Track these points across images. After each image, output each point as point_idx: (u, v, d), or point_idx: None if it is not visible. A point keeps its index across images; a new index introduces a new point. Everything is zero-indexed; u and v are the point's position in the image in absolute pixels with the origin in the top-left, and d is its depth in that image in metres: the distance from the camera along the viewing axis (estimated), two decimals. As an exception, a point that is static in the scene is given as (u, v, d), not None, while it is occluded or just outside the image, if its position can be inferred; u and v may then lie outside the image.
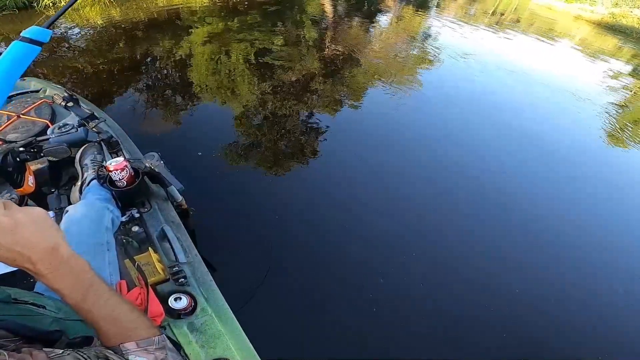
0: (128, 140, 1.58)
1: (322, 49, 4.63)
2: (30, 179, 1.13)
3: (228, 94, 3.22)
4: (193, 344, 0.86)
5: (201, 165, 2.18)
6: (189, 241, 1.16)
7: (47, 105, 1.56)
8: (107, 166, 1.09)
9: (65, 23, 4.35)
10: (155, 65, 3.62)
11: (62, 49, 3.71)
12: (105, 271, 0.88)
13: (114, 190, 1.11)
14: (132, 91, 3.03)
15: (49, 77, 3.04)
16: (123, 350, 0.47)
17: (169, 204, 1.29)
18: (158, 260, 1.02)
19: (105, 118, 1.62)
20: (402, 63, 4.66)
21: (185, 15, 5.20)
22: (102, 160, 1.27)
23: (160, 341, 0.51)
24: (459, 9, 9.66)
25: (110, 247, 0.96)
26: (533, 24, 9.33)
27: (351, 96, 3.48)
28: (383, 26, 6.47)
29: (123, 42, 3.99)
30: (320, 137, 2.72)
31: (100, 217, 0.99)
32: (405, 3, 8.47)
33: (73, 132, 1.32)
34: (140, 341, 0.48)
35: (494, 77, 4.83)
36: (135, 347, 0.47)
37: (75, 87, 2.97)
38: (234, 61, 3.84)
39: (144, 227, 1.14)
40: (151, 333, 0.50)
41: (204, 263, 1.10)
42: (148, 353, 0.48)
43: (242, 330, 0.93)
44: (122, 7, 5.08)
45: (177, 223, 1.22)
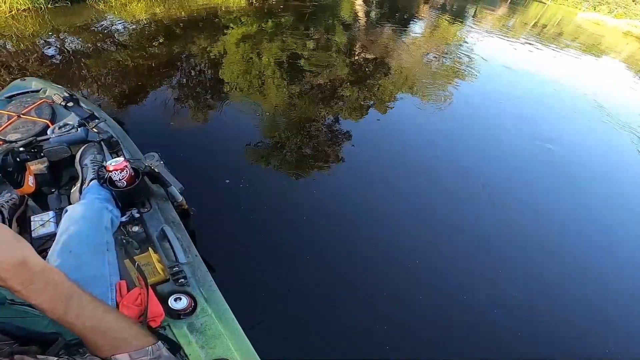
0: (128, 140, 1.58)
1: (352, 55, 4.59)
2: (30, 179, 1.14)
3: (254, 95, 3.22)
4: (193, 345, 0.86)
5: (202, 165, 2.17)
6: (189, 241, 1.16)
7: (48, 105, 1.56)
8: (107, 166, 1.08)
9: (112, 16, 4.56)
10: (188, 62, 3.70)
11: (106, 42, 3.84)
12: (104, 271, 0.88)
13: (114, 190, 1.11)
14: (165, 87, 3.10)
15: (89, 68, 3.18)
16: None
17: (169, 204, 1.29)
18: (158, 261, 1.02)
19: (106, 118, 1.62)
20: (433, 74, 4.51)
21: (222, 14, 5.34)
22: (102, 160, 1.27)
23: (154, 350, 0.49)
24: (497, 20, 9.35)
25: (110, 247, 0.96)
26: (577, 39, 8.93)
27: (377, 105, 3.41)
28: (415, 35, 6.31)
29: (162, 39, 4.11)
30: (334, 142, 2.68)
31: (99, 217, 0.99)
32: (441, 12, 8.31)
33: (73, 132, 1.33)
34: (133, 352, 0.46)
35: (530, 94, 4.55)
36: (127, 359, 0.45)
37: (115, 81, 3.06)
38: (264, 62, 3.87)
39: (144, 227, 1.14)
40: (145, 342, 0.48)
41: (204, 263, 1.10)
42: None
43: (242, 330, 0.93)
44: (166, 5, 5.29)
45: (177, 223, 1.22)
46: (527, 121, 3.76)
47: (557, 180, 2.85)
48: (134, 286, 0.91)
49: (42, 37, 3.72)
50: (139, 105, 2.77)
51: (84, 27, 4.18)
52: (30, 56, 3.27)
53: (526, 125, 3.65)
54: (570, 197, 2.67)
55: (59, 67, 3.17)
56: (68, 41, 3.78)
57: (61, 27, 4.03)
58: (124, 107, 2.69)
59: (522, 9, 13.05)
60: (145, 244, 1.08)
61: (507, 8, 12.03)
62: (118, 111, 2.62)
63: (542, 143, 3.33)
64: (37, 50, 3.45)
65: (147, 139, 2.32)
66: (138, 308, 0.83)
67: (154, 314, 0.84)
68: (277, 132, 2.67)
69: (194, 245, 1.16)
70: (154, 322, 0.84)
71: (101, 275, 0.87)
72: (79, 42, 3.77)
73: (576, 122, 4.17)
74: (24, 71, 2.97)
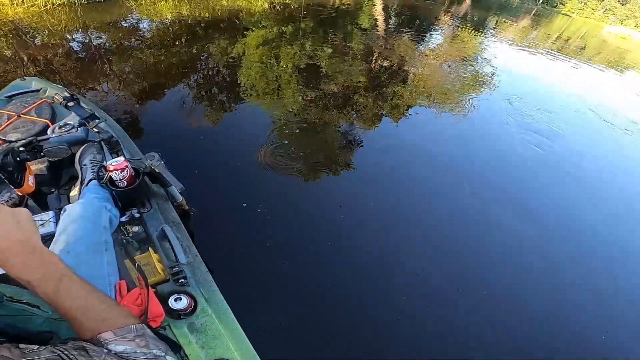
0: (128, 140, 1.58)
1: (369, 62, 4.57)
2: (30, 179, 1.13)
3: (269, 98, 3.23)
4: (193, 345, 0.86)
5: (203, 166, 2.17)
6: (189, 241, 1.16)
7: (48, 104, 1.56)
8: (107, 166, 1.08)
9: (138, 15, 4.76)
10: (207, 63, 3.77)
11: (131, 40, 3.96)
12: (103, 271, 0.87)
13: (114, 190, 1.11)
14: (182, 86, 3.15)
15: (112, 64, 3.30)
16: (102, 341, 0.47)
17: (170, 204, 1.29)
18: (158, 261, 1.02)
19: (106, 118, 1.62)
20: (450, 85, 4.40)
21: (243, 16, 5.47)
22: (103, 160, 1.27)
23: (139, 329, 0.50)
24: (519, 32, 9.11)
25: (109, 246, 0.95)
26: (600, 53, 8.63)
27: (392, 113, 3.37)
28: (434, 45, 6.20)
29: (184, 38, 4.23)
30: (342, 147, 2.65)
31: (98, 216, 0.98)
32: (461, 22, 8.20)
33: (73, 132, 1.32)
34: (118, 330, 0.48)
35: (551, 107, 4.36)
36: (112, 337, 0.47)
37: (135, 77, 3.14)
38: (282, 67, 3.91)
39: (144, 227, 1.14)
40: (128, 322, 0.50)
41: (204, 263, 1.10)
42: (127, 341, 0.48)
43: (242, 330, 0.93)
44: (191, 5, 5.45)
45: (177, 223, 1.22)
46: (544, 135, 3.60)
47: (576, 194, 2.76)
48: (134, 286, 0.91)
49: (72, 32, 3.88)
50: (157, 102, 2.83)
51: (112, 23, 4.33)
52: (57, 50, 3.39)
53: (543, 138, 3.51)
54: (592, 211, 2.60)
55: (84, 62, 3.27)
56: (96, 37, 3.92)
57: (91, 23, 4.20)
58: (141, 104, 2.74)
59: (546, 22, 12.75)
60: (146, 244, 1.08)
61: (530, 20, 11.76)
62: (135, 107, 2.67)
63: (560, 158, 3.24)
64: (66, 44, 3.58)
65: (153, 136, 2.38)
66: (138, 308, 0.83)
67: (154, 314, 0.84)
68: (287, 135, 2.66)
69: (194, 245, 1.16)
70: (154, 322, 0.84)
71: (100, 275, 0.87)
72: (106, 38, 3.90)
73: (596, 137, 4.00)
74: (50, 65, 3.07)
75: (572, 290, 1.91)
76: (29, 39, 3.59)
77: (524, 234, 2.21)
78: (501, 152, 3.15)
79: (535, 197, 2.64)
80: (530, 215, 2.40)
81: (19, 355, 0.38)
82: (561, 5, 21.25)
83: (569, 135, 3.79)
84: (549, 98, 4.79)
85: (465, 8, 11.31)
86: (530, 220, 2.35)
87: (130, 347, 0.47)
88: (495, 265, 1.96)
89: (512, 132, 3.51)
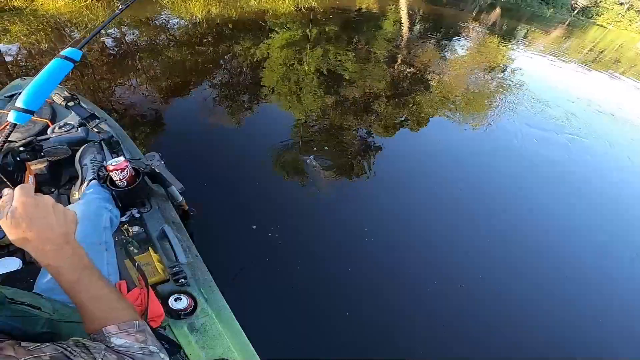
0: (128, 140, 1.58)
1: (392, 68, 4.52)
2: (30, 179, 1.13)
3: (288, 100, 3.23)
4: (193, 345, 0.86)
5: (203, 166, 2.17)
6: (189, 241, 1.16)
7: (48, 104, 1.55)
8: (107, 166, 1.08)
9: (169, 14, 4.93)
10: (231, 63, 3.83)
11: (161, 37, 4.10)
12: (103, 271, 0.87)
13: (114, 190, 1.11)
14: (207, 85, 3.20)
15: (141, 60, 3.41)
16: (105, 333, 0.50)
17: (170, 204, 1.29)
18: (158, 261, 1.02)
19: (106, 118, 1.62)
20: (475, 96, 4.24)
21: (269, 18, 5.54)
22: (103, 160, 1.27)
23: (140, 325, 0.54)
24: (551, 42, 8.77)
25: (109, 247, 0.95)
26: (635, 66, 8.23)
27: (412, 122, 3.27)
28: (460, 53, 6.02)
29: (211, 37, 4.33)
30: (354, 154, 2.58)
31: (98, 217, 0.98)
32: (489, 31, 7.95)
33: (73, 132, 1.33)
34: (122, 324, 0.51)
35: (579, 122, 4.11)
36: (116, 330, 0.50)
37: (162, 74, 3.25)
38: (304, 69, 3.92)
39: (144, 227, 1.14)
40: (132, 317, 0.54)
41: (204, 263, 1.10)
42: (129, 335, 0.51)
43: (242, 330, 0.93)
44: (220, 5, 5.59)
45: (177, 223, 1.22)
46: (571, 150, 3.43)
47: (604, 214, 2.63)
48: (134, 286, 0.91)
49: (107, 27, 4.04)
50: (181, 99, 2.89)
51: (145, 20, 4.50)
52: (92, 45, 3.53)
53: (570, 154, 3.35)
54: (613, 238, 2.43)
55: (116, 57, 3.39)
56: (128, 33, 4.06)
57: (126, 19, 4.34)
58: (165, 101, 2.80)
59: (580, 32, 12.25)
60: (146, 244, 1.08)
61: (564, 30, 11.27)
62: (159, 105, 2.72)
63: (587, 175, 3.08)
64: (101, 40, 3.71)
65: (157, 136, 2.40)
66: (138, 308, 0.83)
67: (154, 314, 0.84)
68: (301, 137, 2.65)
69: (194, 245, 1.16)
70: (154, 322, 0.84)
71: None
72: (138, 35, 4.04)
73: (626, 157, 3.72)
74: (84, 60, 3.16)
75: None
76: (67, 32, 3.76)
77: (560, 255, 2.13)
78: (525, 167, 2.98)
79: (565, 215, 2.51)
80: (565, 235, 2.31)
81: (23, 353, 0.39)
82: (597, 17, 20.32)
83: (596, 151, 3.57)
84: (579, 111, 4.53)
85: (494, 17, 10.94)
86: (567, 240, 2.27)
87: (130, 341, 0.50)
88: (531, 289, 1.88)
89: (538, 146, 3.33)
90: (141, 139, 2.29)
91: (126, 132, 1.64)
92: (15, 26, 3.70)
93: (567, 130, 3.86)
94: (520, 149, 3.25)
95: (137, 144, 1.64)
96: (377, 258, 1.82)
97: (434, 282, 1.76)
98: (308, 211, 2.03)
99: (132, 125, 2.41)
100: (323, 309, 1.53)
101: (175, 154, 2.22)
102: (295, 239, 1.82)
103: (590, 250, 2.28)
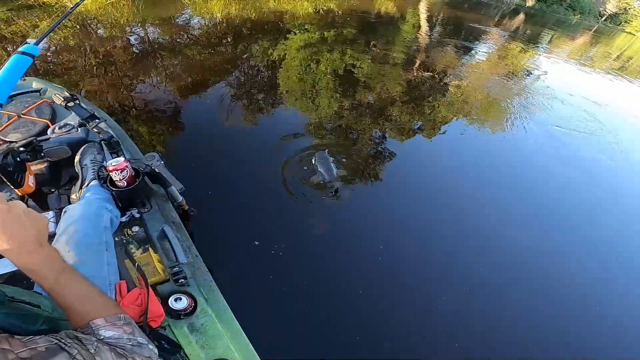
0: (128, 140, 1.58)
1: (409, 72, 4.45)
2: (30, 179, 1.13)
3: (303, 103, 3.22)
4: (193, 345, 0.86)
5: (203, 166, 2.17)
6: (189, 241, 1.16)
7: (48, 105, 1.56)
8: (107, 166, 1.09)
9: (190, 11, 5.12)
10: (249, 63, 3.88)
11: (181, 36, 4.21)
12: (103, 271, 0.88)
13: (114, 190, 1.11)
14: (224, 84, 3.24)
15: (162, 58, 3.52)
16: (93, 327, 0.52)
17: (170, 205, 1.29)
18: (158, 261, 1.02)
19: (106, 118, 1.62)
20: (494, 103, 4.06)
21: (288, 19, 5.60)
22: (102, 160, 1.27)
23: (126, 318, 0.57)
24: (576, 49, 8.42)
25: (109, 247, 0.95)
26: None
27: (428, 128, 3.17)
28: (480, 59, 5.84)
29: (230, 37, 4.42)
30: (365, 159, 2.52)
31: (98, 217, 0.98)
32: (512, 37, 7.73)
33: (73, 132, 1.33)
34: (108, 317, 0.54)
35: (604, 133, 3.86)
36: (104, 323, 0.53)
37: (181, 72, 3.32)
38: (321, 70, 3.93)
39: (144, 227, 1.14)
40: (118, 311, 0.57)
41: (204, 263, 1.10)
42: (116, 327, 0.53)
43: (242, 330, 0.93)
44: (240, 5, 5.71)
45: (177, 223, 1.22)
46: (593, 166, 3.19)
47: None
48: (134, 286, 0.91)
49: (131, 25, 4.22)
50: (196, 97, 2.92)
51: (167, 19, 4.63)
52: (116, 42, 3.65)
53: (593, 168, 3.13)
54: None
55: (138, 55, 3.48)
56: (150, 31, 4.19)
57: (149, 18, 4.51)
58: (180, 98, 2.84)
59: (606, 39, 11.84)
60: (146, 244, 1.08)
61: (590, 37, 10.90)
62: (172, 102, 2.76)
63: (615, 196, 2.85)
64: (124, 37, 3.85)
65: (159, 135, 2.38)
66: (138, 308, 0.83)
67: (154, 314, 0.84)
68: (313, 133, 2.63)
69: (194, 245, 1.16)
70: (154, 322, 0.84)
71: (100, 275, 0.87)
72: (159, 33, 4.18)
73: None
74: (109, 57, 3.30)
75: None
76: (93, 29, 3.93)
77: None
78: (545, 182, 2.79)
79: (589, 232, 2.38)
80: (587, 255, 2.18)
81: (18, 345, 0.40)
82: (625, 24, 19.76)
83: (619, 167, 3.34)
84: (604, 120, 4.28)
85: (518, 22, 10.63)
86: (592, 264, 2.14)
87: (118, 333, 0.53)
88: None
89: (559, 159, 3.13)
90: (146, 138, 2.30)
91: (129, 132, 1.64)
92: (45, 22, 3.82)
93: (593, 141, 3.65)
94: (543, 161, 3.06)
95: (143, 143, 1.63)
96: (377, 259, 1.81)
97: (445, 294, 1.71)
98: (311, 211, 2.03)
99: (147, 122, 2.44)
100: (323, 309, 1.53)
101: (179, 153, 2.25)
102: (297, 239, 1.82)
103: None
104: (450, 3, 10.92)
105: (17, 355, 0.38)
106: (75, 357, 0.43)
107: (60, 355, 0.41)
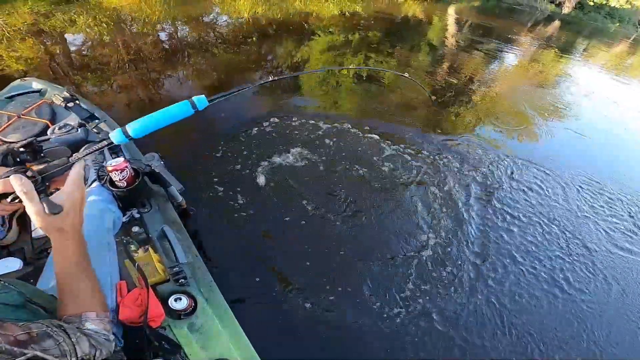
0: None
1: (434, 76, 4.35)
2: (30, 180, 1.13)
3: (320, 106, 3.18)
4: (193, 345, 0.86)
5: (203, 166, 2.17)
6: (189, 241, 1.16)
7: (48, 105, 1.56)
8: (107, 167, 1.09)
9: (218, 9, 5.35)
10: (272, 63, 3.96)
11: (209, 34, 4.38)
12: (105, 272, 0.88)
13: (114, 190, 1.11)
14: (245, 82, 3.36)
15: (190, 56, 3.64)
16: (83, 318, 0.57)
17: (169, 205, 1.30)
18: (158, 261, 1.02)
19: (106, 118, 1.62)
20: (522, 112, 3.81)
21: (313, 21, 5.64)
22: (103, 160, 1.27)
23: (108, 316, 0.62)
24: (612, 58, 7.90)
25: (111, 248, 0.96)
26: None
27: (451, 134, 3.04)
28: (509, 66, 5.57)
29: (255, 37, 4.50)
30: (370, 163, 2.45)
31: (102, 218, 0.99)
32: (545, 45, 7.37)
33: (73, 133, 1.32)
34: (101, 313, 0.59)
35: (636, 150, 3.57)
36: (94, 317, 0.58)
37: (207, 69, 3.47)
38: (343, 73, 3.89)
39: (144, 227, 1.14)
40: (106, 309, 0.62)
41: (204, 263, 1.10)
42: (103, 323, 0.59)
43: (242, 330, 0.93)
44: (266, 5, 5.81)
45: (177, 223, 1.22)
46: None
47: None
48: (134, 286, 0.91)
49: (162, 22, 4.39)
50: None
51: (196, 17, 4.79)
52: (147, 39, 3.79)
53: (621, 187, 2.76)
54: None
55: (168, 52, 3.65)
56: (180, 29, 4.36)
57: (179, 15, 4.69)
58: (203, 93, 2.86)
59: None
60: (146, 244, 1.08)
61: (628, 45, 10.24)
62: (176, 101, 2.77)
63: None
64: (155, 34, 4.01)
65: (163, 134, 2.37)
66: (138, 308, 0.83)
67: (154, 314, 0.84)
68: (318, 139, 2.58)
69: (194, 245, 1.16)
70: (154, 322, 0.84)
71: (102, 276, 0.87)
72: (188, 31, 4.35)
73: None
74: (139, 52, 3.43)
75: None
76: (127, 26, 4.09)
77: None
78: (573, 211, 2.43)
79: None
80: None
81: (14, 329, 0.44)
82: None
83: None
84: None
85: (552, 29, 10.07)
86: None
87: (99, 328, 0.58)
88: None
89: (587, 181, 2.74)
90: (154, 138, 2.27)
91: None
92: (82, 17, 4.05)
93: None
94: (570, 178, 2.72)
95: (143, 143, 1.62)
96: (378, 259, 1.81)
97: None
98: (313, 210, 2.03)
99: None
100: (323, 309, 1.53)
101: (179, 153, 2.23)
102: (297, 239, 1.82)
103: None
104: (479, 9, 10.55)
105: (15, 337, 0.43)
106: (61, 343, 0.47)
107: (49, 341, 0.46)
